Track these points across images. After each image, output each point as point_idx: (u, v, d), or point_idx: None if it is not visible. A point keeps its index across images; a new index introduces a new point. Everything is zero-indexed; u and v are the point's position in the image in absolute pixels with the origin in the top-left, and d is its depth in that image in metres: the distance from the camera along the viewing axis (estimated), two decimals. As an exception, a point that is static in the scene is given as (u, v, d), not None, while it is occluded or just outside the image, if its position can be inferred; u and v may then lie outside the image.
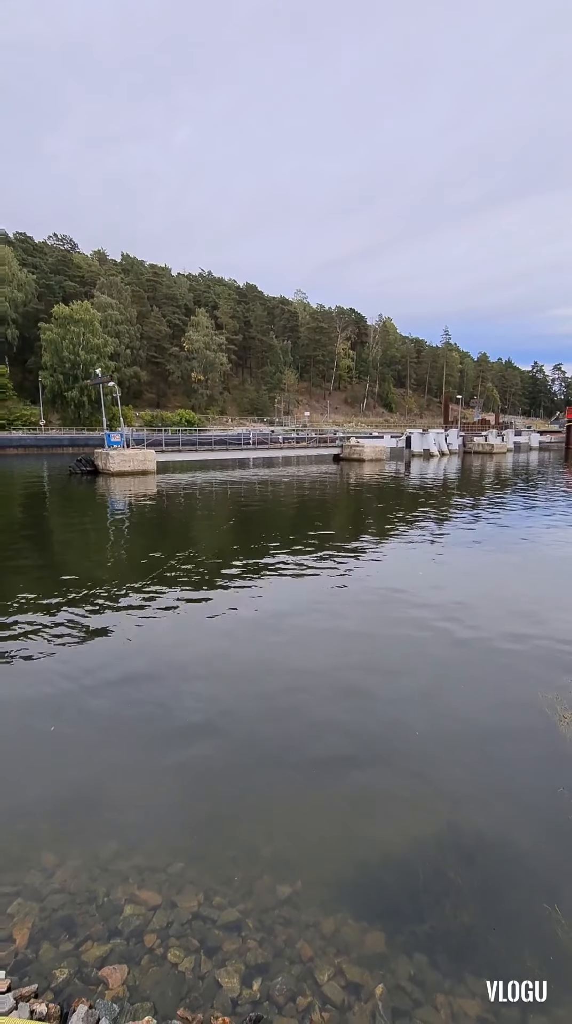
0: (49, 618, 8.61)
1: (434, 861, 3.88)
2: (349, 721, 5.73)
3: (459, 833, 4.17)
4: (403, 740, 5.38)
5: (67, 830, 4.15)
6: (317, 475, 35.76)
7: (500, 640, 7.81)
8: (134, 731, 5.52)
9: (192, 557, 12.83)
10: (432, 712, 5.92)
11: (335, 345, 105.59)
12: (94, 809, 4.40)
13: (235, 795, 4.60)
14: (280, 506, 22.69)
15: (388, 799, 4.56)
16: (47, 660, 7.14)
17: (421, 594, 9.97)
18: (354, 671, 6.93)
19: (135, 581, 10.72)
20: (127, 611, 9.04)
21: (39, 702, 6.09)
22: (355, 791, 4.67)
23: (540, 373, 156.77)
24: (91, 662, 7.11)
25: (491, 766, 5.00)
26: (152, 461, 33.69)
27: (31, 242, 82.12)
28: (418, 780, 4.76)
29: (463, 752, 5.20)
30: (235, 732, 5.50)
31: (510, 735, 5.51)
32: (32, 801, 4.48)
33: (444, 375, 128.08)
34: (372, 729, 5.62)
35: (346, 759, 5.07)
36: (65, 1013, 2.73)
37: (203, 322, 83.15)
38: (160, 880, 3.67)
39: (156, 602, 9.50)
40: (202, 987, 2.97)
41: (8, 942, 3.18)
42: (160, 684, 6.53)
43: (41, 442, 54.25)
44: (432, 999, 2.93)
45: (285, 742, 5.35)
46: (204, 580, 10.85)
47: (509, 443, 66.90)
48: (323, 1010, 2.86)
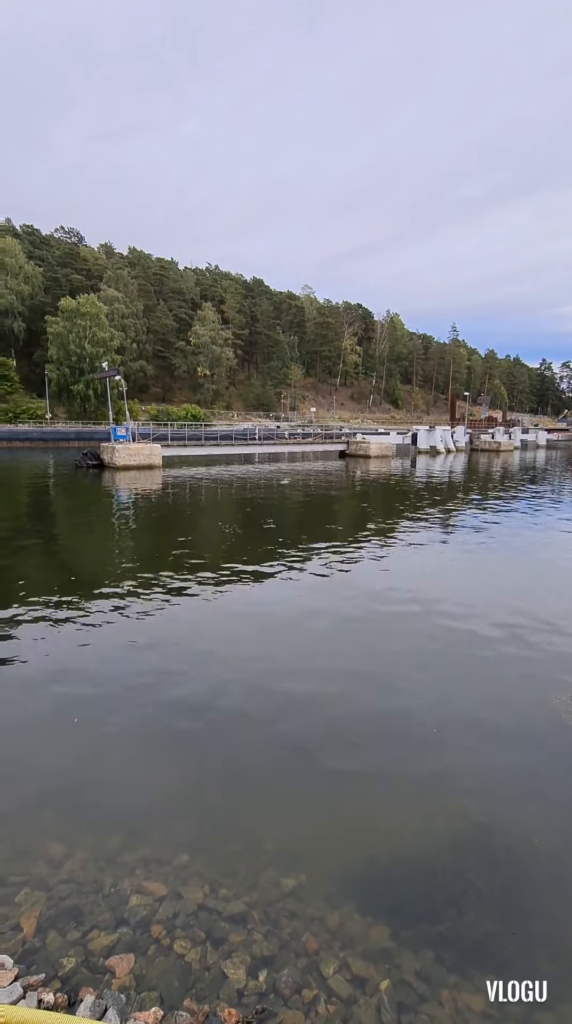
0: (56, 610, 8.65)
1: (442, 858, 3.88)
2: (359, 717, 5.73)
3: (470, 831, 4.17)
4: (414, 737, 5.38)
5: (75, 821, 4.18)
6: (322, 471, 35.69)
7: (508, 639, 7.78)
8: (140, 724, 5.54)
9: (198, 552, 12.84)
10: (443, 709, 5.91)
11: (342, 340, 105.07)
12: (101, 801, 4.42)
13: (241, 788, 4.61)
14: (285, 502, 22.67)
15: (397, 795, 4.56)
16: (52, 651, 7.17)
17: (426, 591, 9.94)
18: (363, 668, 6.92)
19: (143, 573, 10.74)
20: (134, 605, 9.07)
21: (47, 692, 6.12)
22: (363, 786, 4.67)
23: (548, 370, 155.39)
24: (98, 655, 7.14)
25: (500, 765, 4.98)
26: (158, 456, 33.72)
27: (38, 235, 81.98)
28: (428, 777, 4.76)
29: (473, 751, 5.18)
30: (242, 725, 5.51)
31: (522, 735, 5.49)
32: (41, 792, 4.51)
33: (451, 372, 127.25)
34: (383, 726, 5.61)
35: (355, 755, 5.07)
36: (72, 1002, 2.75)
37: (209, 316, 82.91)
38: (166, 872, 3.69)
39: (163, 596, 9.51)
40: (208, 978, 2.98)
41: (16, 931, 3.21)
42: (169, 677, 6.54)
43: (47, 435, 54.37)
44: (438, 995, 2.93)
45: (293, 737, 5.36)
46: (211, 575, 10.86)
47: (516, 441, 66.51)
48: (329, 1003, 2.87)
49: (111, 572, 11.20)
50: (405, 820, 4.28)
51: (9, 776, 4.72)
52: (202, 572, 11.00)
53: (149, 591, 9.73)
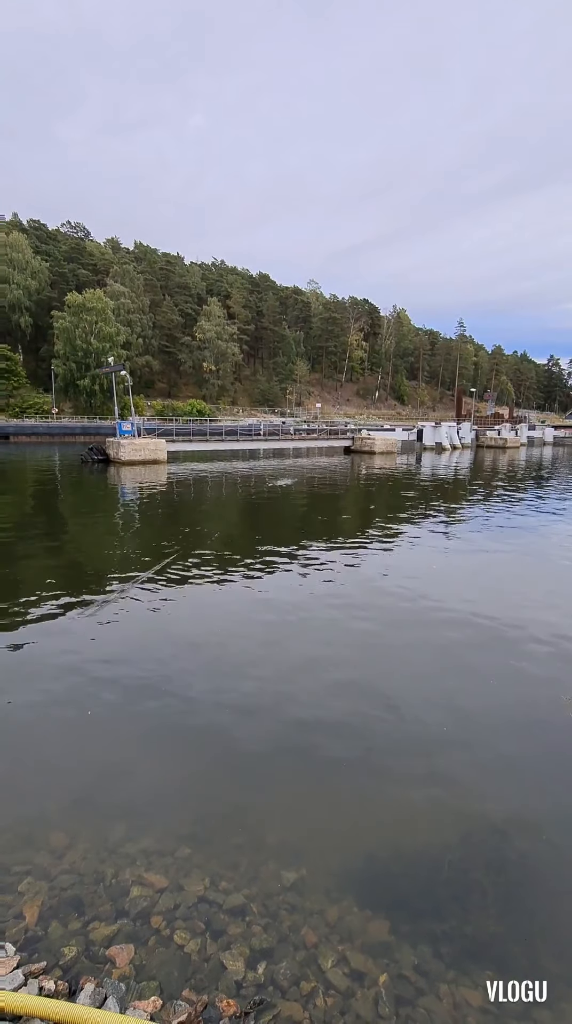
0: (66, 602, 8.71)
1: (445, 854, 3.88)
2: (364, 712, 5.73)
3: (476, 828, 4.17)
4: (421, 734, 5.38)
5: (77, 812, 4.22)
6: (327, 467, 35.63)
7: (517, 638, 7.75)
8: (144, 718, 5.57)
9: (202, 547, 12.87)
10: (450, 707, 5.90)
11: (348, 336, 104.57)
12: (103, 793, 4.46)
13: (243, 782, 4.63)
14: (290, 497, 22.66)
15: (401, 791, 4.56)
16: (60, 643, 7.22)
17: (432, 589, 9.92)
18: (369, 663, 6.93)
19: (149, 568, 10.77)
20: (140, 599, 9.10)
21: (52, 686, 6.17)
22: (367, 782, 4.68)
23: (556, 367, 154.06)
24: (104, 648, 7.18)
25: (509, 763, 4.97)
26: (163, 451, 33.78)
27: (45, 230, 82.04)
28: (434, 774, 4.76)
29: (482, 748, 5.18)
30: (245, 719, 5.53)
31: (531, 734, 5.47)
32: (44, 782, 4.55)
33: (458, 368, 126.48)
34: (389, 722, 5.59)
35: (360, 750, 5.07)
36: (73, 990, 2.78)
37: (215, 311, 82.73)
38: (167, 863, 3.72)
39: (168, 590, 9.54)
40: (207, 969, 3.00)
41: (19, 919, 3.24)
42: (172, 671, 6.57)
43: (53, 430, 54.53)
44: (436, 989, 2.94)
45: (297, 730, 5.37)
46: (216, 569, 10.88)
47: (523, 437, 66.07)
48: (327, 995, 2.89)
49: (116, 567, 11.24)
50: (408, 816, 4.28)
51: (14, 766, 4.77)
52: (206, 567, 11.02)
53: (154, 585, 9.76)
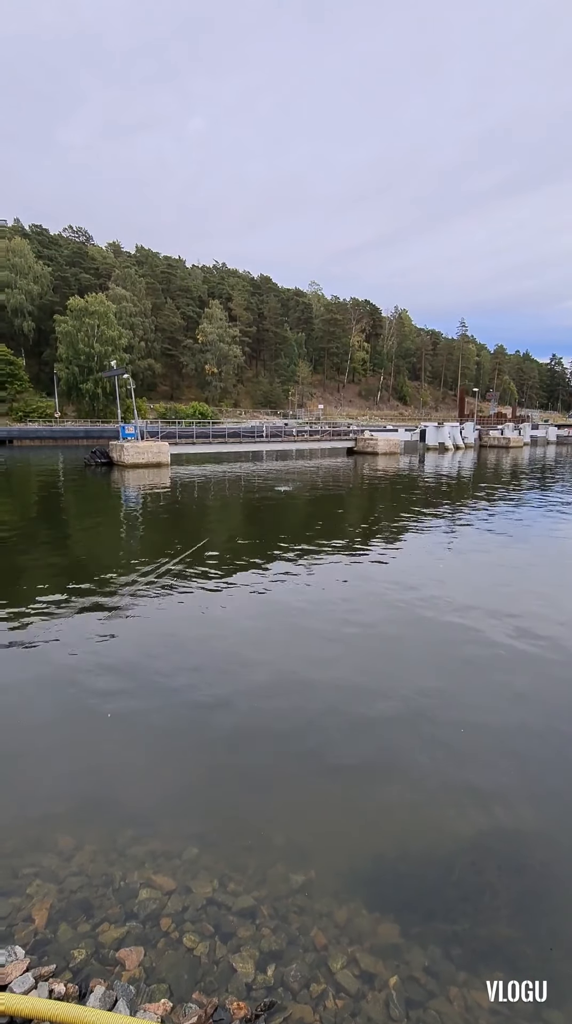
0: (68, 604, 8.73)
1: (456, 856, 3.86)
2: (374, 714, 5.71)
3: (488, 830, 4.14)
4: (431, 735, 5.35)
5: (85, 814, 4.22)
6: (330, 468, 35.62)
7: (527, 638, 7.72)
8: (151, 719, 5.57)
9: (207, 548, 12.87)
10: (461, 708, 5.88)
11: (350, 337, 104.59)
12: (110, 795, 4.46)
13: (252, 783, 4.62)
14: (294, 499, 22.66)
15: (411, 793, 4.54)
16: (66, 645, 7.23)
17: (440, 589, 9.89)
18: (377, 665, 6.91)
19: (154, 570, 10.79)
20: (146, 601, 9.11)
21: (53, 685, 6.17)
22: (376, 783, 4.66)
23: (558, 366, 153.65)
24: (110, 650, 7.18)
25: (523, 765, 4.94)
26: (166, 453, 33.82)
27: (47, 234, 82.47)
28: (445, 775, 4.74)
29: (494, 750, 5.15)
30: (254, 721, 5.52)
31: (545, 735, 5.41)
32: (52, 784, 4.56)
33: (460, 368, 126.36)
34: (399, 724, 5.56)
35: (369, 752, 5.06)
36: (83, 993, 2.78)
37: (217, 314, 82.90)
38: (175, 866, 3.71)
39: (173, 592, 9.55)
40: (217, 971, 2.99)
41: (28, 922, 3.24)
42: (180, 672, 6.57)
43: (56, 434, 54.70)
44: (446, 991, 2.92)
45: (305, 732, 5.36)
46: (221, 571, 10.88)
47: (526, 437, 65.88)
48: (337, 998, 2.88)
49: (120, 568, 11.26)
50: (419, 818, 4.26)
51: (22, 768, 4.78)
52: (212, 569, 11.02)
53: (159, 587, 9.77)
